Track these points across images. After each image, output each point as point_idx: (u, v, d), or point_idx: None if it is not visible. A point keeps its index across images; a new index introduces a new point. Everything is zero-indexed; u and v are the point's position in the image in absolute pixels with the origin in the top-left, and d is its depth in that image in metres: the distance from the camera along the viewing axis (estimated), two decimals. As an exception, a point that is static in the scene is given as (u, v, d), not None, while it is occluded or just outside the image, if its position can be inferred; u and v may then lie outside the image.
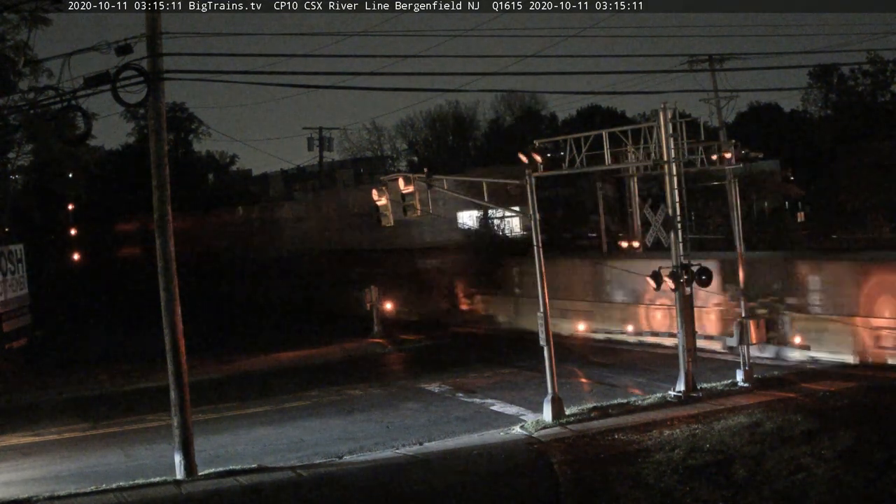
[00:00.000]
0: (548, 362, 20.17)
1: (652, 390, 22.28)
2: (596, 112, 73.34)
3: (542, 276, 20.44)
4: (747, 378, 22.00)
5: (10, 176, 45.13)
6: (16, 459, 19.82)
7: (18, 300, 35.64)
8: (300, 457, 18.43)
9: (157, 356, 21.72)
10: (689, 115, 26.60)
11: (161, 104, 17.33)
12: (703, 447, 16.91)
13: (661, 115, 21.35)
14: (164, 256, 17.43)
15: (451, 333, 36.03)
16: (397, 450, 18.57)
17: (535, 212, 20.69)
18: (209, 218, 67.36)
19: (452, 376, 26.65)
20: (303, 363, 31.06)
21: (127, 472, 17.76)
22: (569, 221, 53.84)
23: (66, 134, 24.28)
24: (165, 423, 18.93)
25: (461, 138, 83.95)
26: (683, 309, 21.40)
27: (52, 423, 23.26)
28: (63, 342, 39.25)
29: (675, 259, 21.27)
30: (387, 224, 23.00)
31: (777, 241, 40.65)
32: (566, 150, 21.68)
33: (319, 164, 61.99)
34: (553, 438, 18.57)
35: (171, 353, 17.44)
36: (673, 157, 21.30)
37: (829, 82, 66.10)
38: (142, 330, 36.31)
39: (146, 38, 16.86)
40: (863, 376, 22.43)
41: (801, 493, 14.26)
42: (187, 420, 17.37)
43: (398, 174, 24.56)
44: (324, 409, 23.31)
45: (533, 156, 20.91)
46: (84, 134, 20.39)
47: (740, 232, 23.36)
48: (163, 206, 17.47)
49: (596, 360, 27.85)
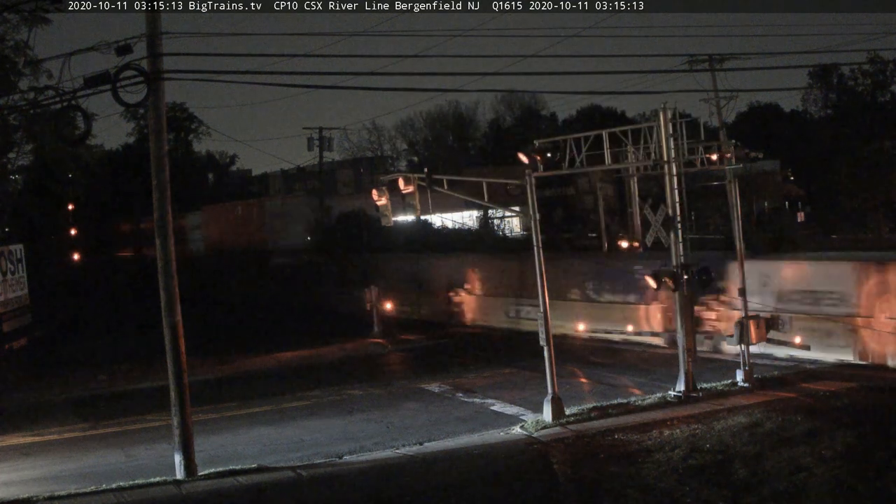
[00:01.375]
0: (548, 362, 20.17)
1: (652, 390, 22.28)
2: (596, 112, 73.41)
3: (542, 275, 20.43)
4: (747, 378, 22.00)
5: (10, 176, 45.14)
6: (16, 459, 19.82)
7: (18, 300, 35.61)
8: (300, 457, 18.43)
9: (157, 356, 21.75)
10: (689, 115, 26.58)
11: (161, 104, 17.32)
12: (703, 447, 16.92)
13: (661, 115, 21.35)
14: (164, 256, 17.42)
15: (451, 333, 36.05)
16: (397, 450, 18.57)
17: (535, 212, 20.69)
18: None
19: (452, 376, 26.67)
20: (303, 363, 31.06)
21: (127, 472, 17.76)
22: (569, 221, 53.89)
23: (66, 134, 24.26)
24: (165, 423, 18.93)
25: (461, 138, 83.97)
26: (683, 309, 21.40)
27: (52, 423, 23.26)
28: (63, 342, 39.27)
29: (675, 259, 21.27)
30: (387, 224, 23.00)
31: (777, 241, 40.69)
32: (566, 150, 21.67)
33: (319, 164, 62.03)
34: (553, 438, 18.57)
35: (171, 353, 17.44)
36: (673, 157, 21.31)
37: (829, 82, 66.13)
38: (142, 330, 36.36)
39: (146, 38, 16.85)
40: (864, 376, 22.44)
41: (802, 493, 14.26)
42: (187, 420, 17.37)
43: (398, 174, 24.55)
44: (324, 409, 23.32)
45: (533, 156, 20.91)
46: (84, 134, 20.41)
47: (740, 232, 23.35)
48: (163, 207, 17.47)
49: (596, 360, 27.87)
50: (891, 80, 65.45)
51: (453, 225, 46.10)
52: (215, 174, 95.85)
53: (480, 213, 56.86)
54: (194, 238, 74.68)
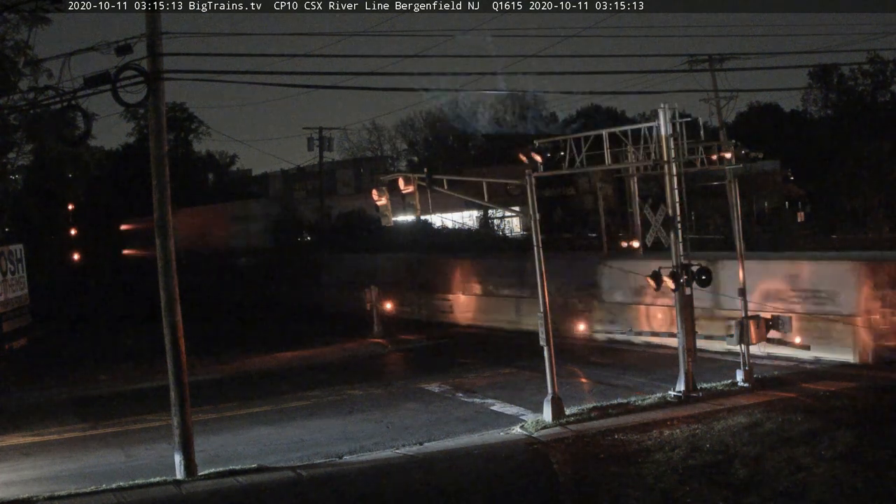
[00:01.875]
0: (548, 362, 20.16)
1: (652, 390, 22.28)
2: (596, 112, 73.40)
3: (542, 275, 20.43)
4: (747, 378, 22.00)
5: (10, 176, 45.15)
6: (16, 459, 19.81)
7: (18, 300, 35.65)
8: (300, 457, 18.43)
9: (157, 356, 21.73)
10: (689, 115, 26.53)
11: (161, 104, 17.32)
12: (703, 447, 16.92)
13: (661, 115, 21.34)
14: (164, 256, 17.42)
15: (451, 333, 36.03)
16: (397, 450, 18.56)
17: (535, 212, 20.69)
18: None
19: (452, 376, 26.66)
20: (303, 363, 31.06)
21: (127, 472, 17.76)
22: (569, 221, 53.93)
23: (66, 134, 24.27)
24: (165, 423, 18.93)
25: (461, 138, 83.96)
26: (683, 309, 21.40)
27: (52, 423, 23.25)
28: (63, 342, 39.25)
29: (675, 259, 21.27)
30: (386, 224, 23.00)
31: (777, 241, 40.71)
32: (566, 150, 21.67)
33: (319, 164, 62.03)
34: (553, 438, 18.57)
35: (171, 352, 17.44)
36: (673, 157, 21.30)
37: (829, 82, 66.17)
38: (142, 330, 36.36)
39: (146, 38, 16.85)
40: (864, 376, 22.44)
41: (802, 493, 14.25)
42: (187, 420, 17.37)
43: (398, 174, 24.54)
44: (324, 409, 23.31)
45: (533, 156, 20.91)
46: (84, 134, 20.42)
47: (740, 232, 23.35)
48: (163, 207, 17.47)
49: (596, 360, 27.87)
50: (891, 80, 65.54)
51: (453, 225, 46.12)
52: (215, 174, 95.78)
53: (480, 213, 56.92)
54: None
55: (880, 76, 64.83)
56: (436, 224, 49.16)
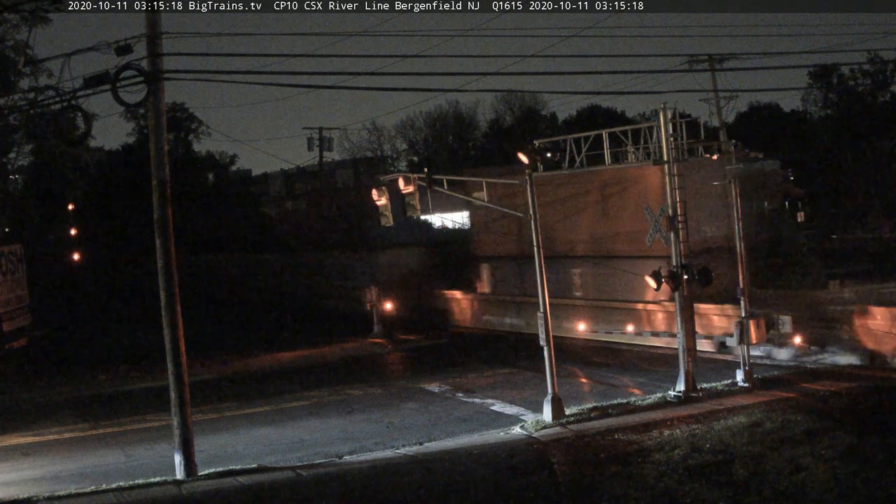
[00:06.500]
0: (548, 362, 20.16)
1: (652, 390, 22.28)
2: (596, 112, 73.29)
3: (542, 275, 20.43)
4: (747, 378, 22.00)
5: (10, 176, 45.18)
6: (16, 459, 19.81)
7: (18, 300, 35.60)
8: (300, 457, 18.43)
9: (157, 356, 21.72)
10: (689, 115, 26.57)
11: (161, 104, 17.32)
12: (703, 447, 16.92)
13: (660, 115, 21.35)
14: (164, 256, 17.42)
15: (451, 333, 36.05)
16: (397, 450, 18.57)
17: (535, 212, 20.68)
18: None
19: (452, 376, 26.66)
20: (303, 363, 31.07)
21: (127, 472, 17.77)
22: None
23: (66, 134, 24.25)
24: (165, 423, 18.93)
25: (461, 138, 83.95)
26: (683, 309, 21.39)
27: (52, 423, 23.25)
28: (63, 342, 39.25)
29: (675, 259, 21.27)
30: (386, 224, 23.00)
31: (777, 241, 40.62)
32: (566, 150, 21.68)
33: (319, 164, 62.02)
34: (553, 438, 18.57)
35: (171, 352, 17.44)
36: (673, 157, 21.31)
37: (829, 82, 66.12)
38: (142, 330, 36.37)
39: (146, 38, 16.86)
40: (865, 376, 22.44)
41: (802, 493, 14.26)
42: (187, 420, 17.36)
43: (398, 174, 24.57)
44: (324, 409, 23.31)
45: (533, 156, 20.91)
46: (84, 134, 20.40)
47: (740, 232, 23.36)
48: (163, 206, 17.47)
49: (596, 360, 27.86)
50: (891, 80, 65.48)
51: (453, 225, 46.06)
52: (215, 174, 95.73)
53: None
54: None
55: (880, 76, 64.77)
56: (436, 224, 49.10)
